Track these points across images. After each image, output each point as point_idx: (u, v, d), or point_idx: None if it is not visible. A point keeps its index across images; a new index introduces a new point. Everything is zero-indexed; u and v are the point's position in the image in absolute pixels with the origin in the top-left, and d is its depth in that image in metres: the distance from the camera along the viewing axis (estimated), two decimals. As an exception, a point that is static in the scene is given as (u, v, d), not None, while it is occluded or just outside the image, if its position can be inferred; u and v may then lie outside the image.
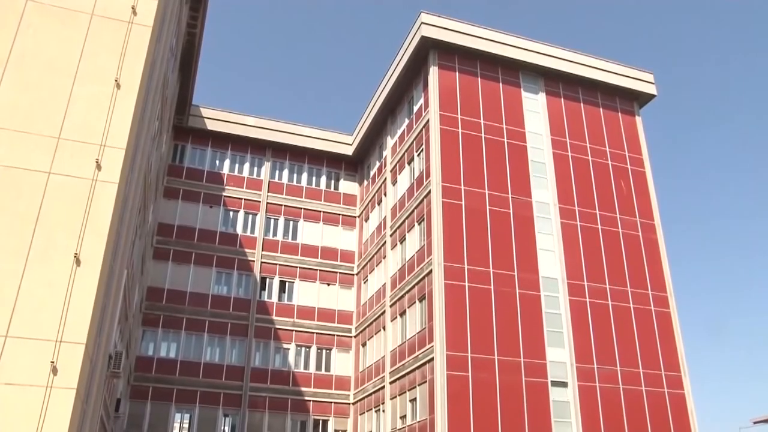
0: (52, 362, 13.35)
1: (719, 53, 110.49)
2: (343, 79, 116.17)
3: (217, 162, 45.21)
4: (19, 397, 12.96)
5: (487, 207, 35.23)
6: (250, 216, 44.43)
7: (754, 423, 56.93)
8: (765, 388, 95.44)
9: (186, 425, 38.36)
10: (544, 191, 37.15)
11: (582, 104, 40.59)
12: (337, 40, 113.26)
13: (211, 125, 44.83)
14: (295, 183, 46.43)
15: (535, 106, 39.37)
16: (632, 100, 42.12)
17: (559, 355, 33.44)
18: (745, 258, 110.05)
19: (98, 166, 15.50)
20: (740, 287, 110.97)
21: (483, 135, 36.90)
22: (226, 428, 37.98)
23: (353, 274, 45.03)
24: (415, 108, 39.18)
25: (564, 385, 33.01)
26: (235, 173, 45.28)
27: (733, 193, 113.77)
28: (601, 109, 40.99)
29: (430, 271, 33.15)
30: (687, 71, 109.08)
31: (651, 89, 42.09)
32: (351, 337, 43.23)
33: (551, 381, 32.72)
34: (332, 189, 47.29)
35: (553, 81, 40.35)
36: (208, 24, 51.89)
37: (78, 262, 14.35)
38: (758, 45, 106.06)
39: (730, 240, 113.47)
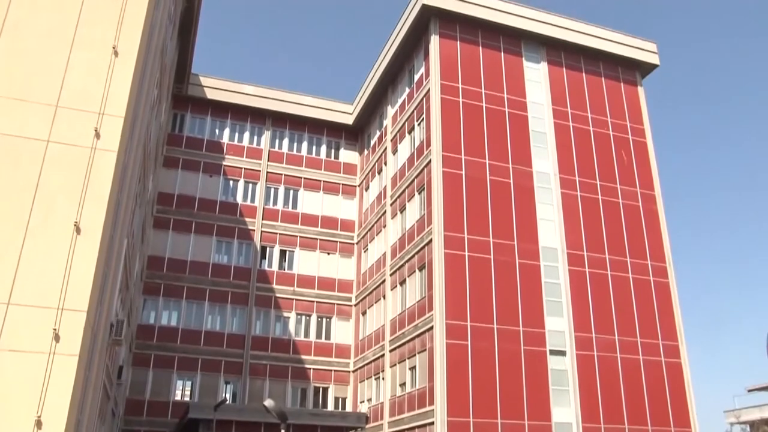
0: (54, 329, 13.45)
1: (724, 26, 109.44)
2: (344, 47, 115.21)
3: (217, 131, 45.04)
4: (22, 363, 13.08)
5: (488, 176, 35.18)
6: (250, 185, 44.39)
7: (749, 391, 57.63)
8: (760, 357, 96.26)
9: (188, 392, 38.79)
10: (544, 161, 37.07)
11: (584, 74, 40.30)
12: (339, 7, 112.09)
13: (210, 94, 44.57)
14: (295, 152, 46.30)
15: (536, 75, 39.09)
16: (634, 69, 41.81)
17: (558, 324, 33.69)
18: (744, 231, 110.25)
19: (97, 135, 15.44)
20: (739, 261, 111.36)
21: (484, 104, 36.71)
22: (228, 395, 38.39)
23: (353, 243, 45.14)
24: (416, 77, 38.91)
25: (562, 353, 33.29)
26: (235, 142, 45.13)
27: (735, 166, 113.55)
28: (603, 79, 40.72)
29: (430, 240, 33.22)
30: (691, 43, 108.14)
31: (653, 59, 41.75)
32: (351, 305, 43.49)
33: (550, 350, 33.00)
34: (332, 158, 47.18)
35: (555, 50, 40.01)
36: (206, -9, 51.28)
37: (78, 230, 14.37)
38: (764, 19, 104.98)
39: (730, 212, 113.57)
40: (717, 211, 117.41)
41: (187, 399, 37.85)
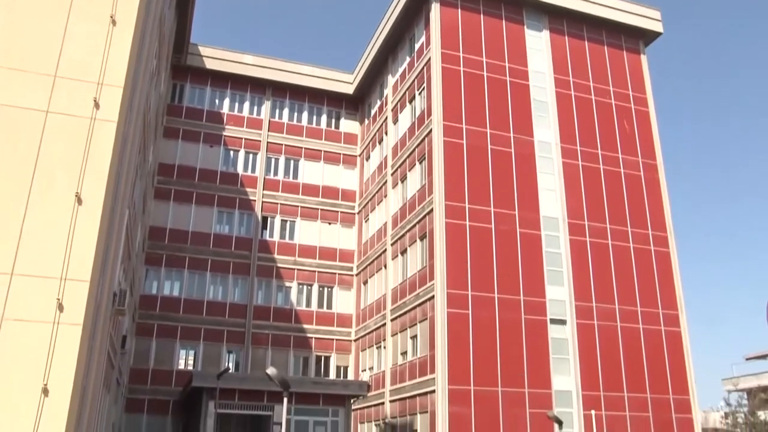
0: (58, 299, 13.55)
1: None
2: (344, 16, 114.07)
3: (217, 101, 44.81)
4: (28, 332, 13.21)
5: (489, 146, 35.08)
6: (251, 155, 44.30)
7: (747, 359, 58.15)
8: (759, 325, 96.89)
9: (191, 361, 39.15)
10: (546, 130, 36.93)
11: (586, 42, 39.93)
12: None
13: (210, 64, 44.26)
14: (295, 122, 46.11)
15: (538, 44, 38.74)
16: (638, 38, 41.40)
17: (559, 294, 33.86)
18: (746, 202, 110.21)
19: (96, 105, 15.38)
20: (739, 231, 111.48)
21: (485, 73, 36.46)
22: (230, 364, 38.76)
23: (354, 213, 45.19)
24: (417, 46, 38.58)
25: (563, 322, 33.52)
26: (235, 112, 44.93)
27: (739, 136, 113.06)
28: (605, 47, 40.36)
29: (431, 209, 33.25)
30: (695, 11, 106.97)
31: (657, 27, 41.33)
32: (352, 275, 43.68)
33: (550, 319, 33.22)
34: (333, 128, 47.00)
35: (557, 18, 39.59)
36: (204, -42, 50.57)
37: (79, 201, 14.40)
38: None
39: (731, 183, 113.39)
40: (719, 181, 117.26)
41: (190, 368, 38.22)
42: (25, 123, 14.72)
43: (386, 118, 42.03)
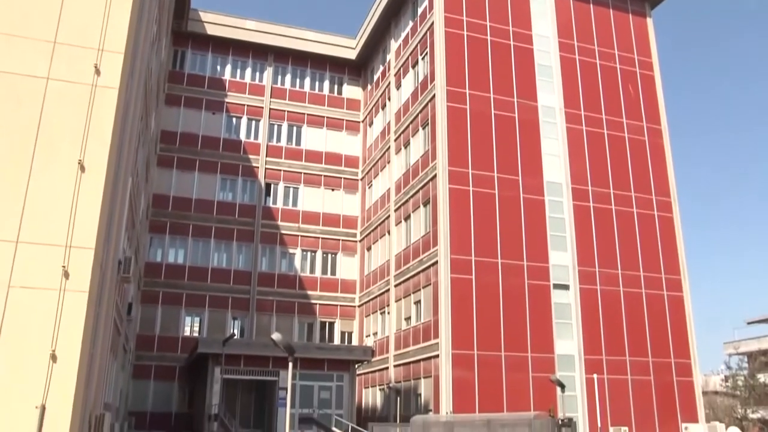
0: (64, 267, 13.61)
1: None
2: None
3: (218, 68, 44.45)
4: (34, 300, 13.30)
5: (492, 111, 34.86)
6: (253, 122, 44.10)
7: (749, 323, 58.46)
8: (759, 290, 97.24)
9: (196, 328, 39.49)
10: (550, 95, 36.64)
11: (591, 5, 39.38)
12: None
13: (210, 30, 43.81)
14: (297, 88, 45.79)
15: (542, 7, 38.22)
16: (644, 0, 40.80)
17: (562, 259, 33.95)
18: (749, 168, 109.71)
19: (97, 71, 15.26)
20: (741, 197, 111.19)
21: (489, 38, 36.06)
22: (235, 330, 39.07)
23: (358, 179, 45.12)
24: (420, 10, 38.10)
25: (566, 287, 33.66)
26: (237, 79, 44.62)
27: (743, 101, 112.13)
28: (611, 11, 39.81)
29: (435, 175, 33.18)
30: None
31: (663, -12, 40.68)
32: (356, 241, 43.78)
33: (553, 284, 33.35)
34: (335, 94, 46.67)
35: (563, -20, 38.99)
36: None
37: (82, 168, 14.37)
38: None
39: (735, 147, 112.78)
40: (722, 146, 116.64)
41: (195, 335, 38.56)
42: (26, 90, 14.63)
43: (389, 83, 41.71)
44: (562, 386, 25.47)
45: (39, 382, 12.82)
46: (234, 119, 43.70)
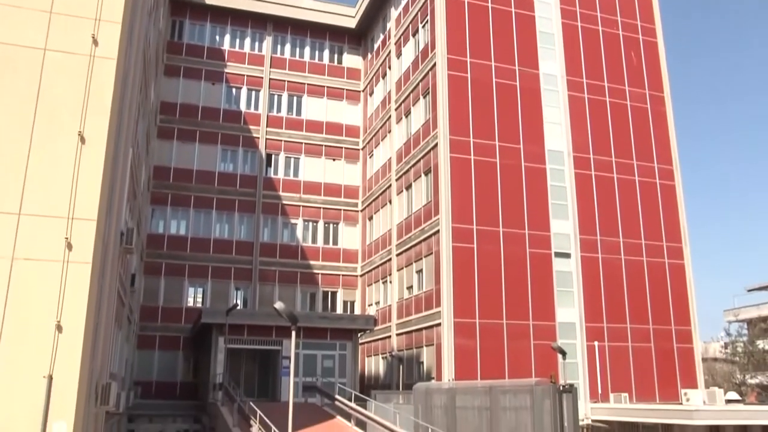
0: (66, 238, 13.66)
1: None
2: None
3: (217, 38, 44.05)
4: (39, 271, 13.38)
5: (494, 79, 34.63)
6: (253, 92, 43.84)
7: (749, 291, 58.72)
8: (760, 258, 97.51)
9: (199, 298, 39.72)
10: (551, 63, 36.35)
11: (594, -30, 38.83)
12: None
13: (208, -2, 43.34)
14: (297, 58, 45.42)
15: (544, -28, 37.69)
16: (646, -36, 40.25)
17: (563, 227, 34.00)
18: (752, 137, 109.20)
19: (95, 42, 15.14)
20: (743, 163, 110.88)
21: (490, 5, 35.66)
22: (238, 301, 39.29)
23: (359, 149, 45.00)
24: (420, -24, 37.61)
25: (567, 256, 33.76)
26: (236, 49, 44.24)
27: (746, 69, 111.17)
28: (613, -25, 39.27)
29: (436, 144, 33.09)
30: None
31: (667, -48, 40.07)
32: (357, 211, 43.81)
33: (555, 252, 33.44)
34: (335, 63, 46.30)
35: (565, -56, 38.42)
36: None
37: (83, 140, 14.34)
38: None
39: (739, 119, 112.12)
40: (725, 113, 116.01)
41: (199, 305, 38.80)
42: (24, 61, 14.53)
43: (389, 52, 41.37)
44: (563, 353, 25.67)
45: (46, 353, 12.95)
46: (234, 90, 43.45)
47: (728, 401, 29.96)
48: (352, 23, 45.90)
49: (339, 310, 41.77)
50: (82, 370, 13.23)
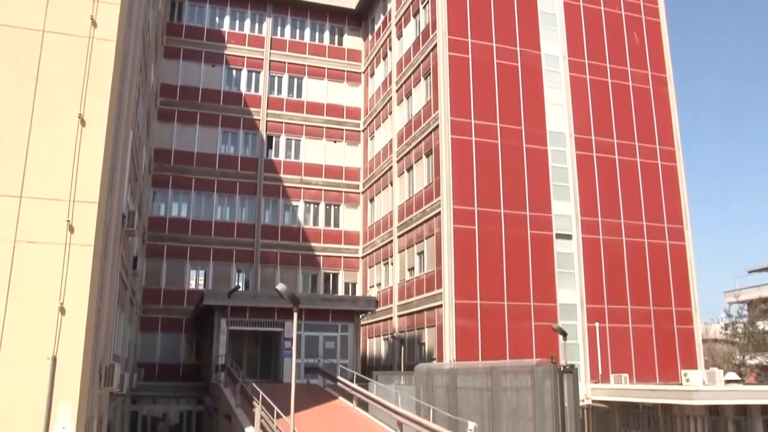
0: (68, 221, 13.65)
1: None
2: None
3: (217, 19, 43.79)
4: (41, 254, 13.38)
5: (495, 60, 34.46)
6: (254, 74, 43.65)
7: (750, 272, 58.82)
8: (761, 239, 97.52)
9: (201, 281, 39.84)
10: (553, 43, 36.15)
11: (596, -51, 38.50)
12: None
13: (208, -21, 43.02)
14: (297, 39, 45.16)
15: (546, -48, 37.37)
16: (649, -57, 39.88)
17: (565, 209, 34.00)
18: (754, 118, 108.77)
19: (93, 23, 15.02)
20: (744, 145, 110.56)
21: (491, -16, 35.37)
22: (240, 283, 39.41)
23: (359, 131, 44.89)
24: (421, -44, 37.30)
25: (568, 237, 33.79)
26: (236, 30, 43.99)
27: (749, 49, 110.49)
28: (615, -46, 38.95)
29: (437, 126, 33.01)
30: None
31: (670, -69, 39.67)
32: (359, 192, 43.79)
33: (556, 233, 33.48)
34: (336, 44, 46.05)
35: (567, -77, 38.04)
36: None
37: (83, 122, 14.29)
38: None
39: (742, 100, 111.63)
40: (728, 93, 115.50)
41: (201, 287, 38.93)
42: (22, 43, 14.44)
43: (390, 33, 41.13)
44: (564, 334, 25.77)
45: (49, 334, 13.00)
46: (234, 71, 43.27)
47: (728, 382, 30.10)
48: (352, 4, 45.58)
49: (340, 291, 41.90)
50: (86, 351, 13.29)
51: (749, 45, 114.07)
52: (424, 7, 36.23)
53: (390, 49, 41.06)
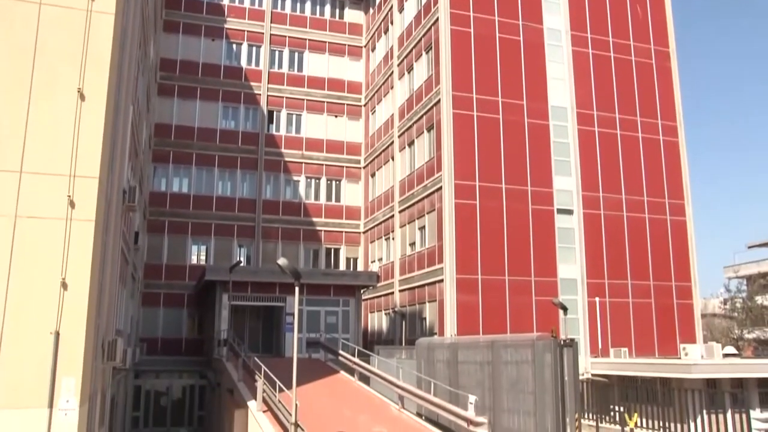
0: (69, 196, 13.64)
1: None
2: None
3: (216, -8, 43.36)
4: (42, 229, 13.38)
5: (497, 34, 34.18)
6: (254, 48, 43.33)
7: (749, 247, 58.89)
8: (761, 215, 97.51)
9: (203, 256, 39.94)
10: (556, 17, 35.82)
11: None
12: None
13: (207, -49, 42.52)
14: (298, 13, 44.75)
15: (549, -77, 36.87)
16: None
17: (566, 184, 33.95)
18: (756, 92, 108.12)
19: (92, -4, 14.87)
20: (745, 121, 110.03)
21: (493, -43, 34.98)
22: (241, 258, 39.50)
23: (361, 105, 44.68)
24: (422, -72, 36.82)
25: (569, 212, 33.79)
26: (236, 3, 43.57)
27: (754, 26, 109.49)
28: (620, -74, 38.40)
29: (438, 100, 32.84)
30: None
31: None
32: (360, 167, 43.72)
33: (557, 208, 33.47)
34: (337, 18, 45.66)
35: None
36: None
37: (82, 96, 14.20)
38: None
39: (743, 75, 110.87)
40: (730, 69, 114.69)
41: (202, 263, 39.04)
42: (19, 15, 14.29)
43: (391, 6, 40.75)
44: (565, 309, 25.87)
45: (52, 309, 13.06)
46: (234, 46, 42.96)
47: (725, 355, 30.27)
48: (353, -23, 45.11)
49: (342, 266, 42.01)
50: (89, 326, 13.36)
51: (754, 11, 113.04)
52: (426, -21, 35.85)
53: (391, 23, 40.71)
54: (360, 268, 42.03)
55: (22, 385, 12.72)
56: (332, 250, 42.31)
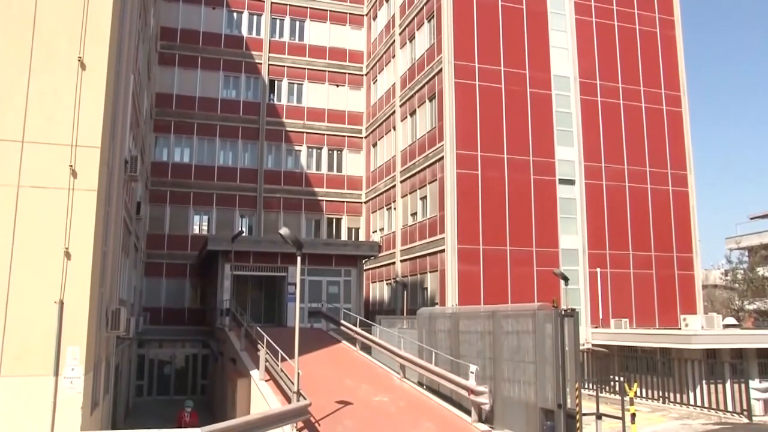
0: (71, 166, 13.63)
1: None
2: None
3: (216, -41, 42.81)
4: (45, 199, 13.40)
5: (500, 2, 33.80)
6: (255, 17, 42.90)
7: (751, 219, 58.85)
8: (763, 186, 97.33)
9: (205, 226, 40.00)
10: (560, -16, 35.36)
11: None
12: None
13: None
14: (298, -20, 44.20)
15: None
16: None
17: (568, 154, 33.85)
18: (761, 65, 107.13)
19: (90, -36, 14.70)
20: (752, 93, 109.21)
21: None
22: (243, 228, 39.55)
23: (362, 75, 44.36)
24: None
25: (571, 182, 33.74)
26: (236, -29, 43.06)
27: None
28: None
29: (440, 69, 32.60)
30: None
31: None
32: (361, 137, 43.56)
33: (559, 179, 33.41)
34: (338, -14, 45.11)
35: None
36: None
37: (83, 66, 14.12)
38: None
39: (748, 47, 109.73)
40: (733, 43, 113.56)
41: (204, 233, 39.11)
42: (19, -16, 14.15)
43: (393, -26, 40.22)
44: (566, 279, 25.96)
45: (55, 279, 13.14)
46: (235, 14, 42.54)
47: (726, 326, 30.46)
48: (354, -56, 44.46)
49: (344, 236, 42.09)
50: (92, 295, 13.45)
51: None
52: (428, -54, 35.34)
53: (393, -10, 40.22)
54: (362, 238, 42.11)
55: (28, 353, 12.85)
56: (334, 220, 42.36)
